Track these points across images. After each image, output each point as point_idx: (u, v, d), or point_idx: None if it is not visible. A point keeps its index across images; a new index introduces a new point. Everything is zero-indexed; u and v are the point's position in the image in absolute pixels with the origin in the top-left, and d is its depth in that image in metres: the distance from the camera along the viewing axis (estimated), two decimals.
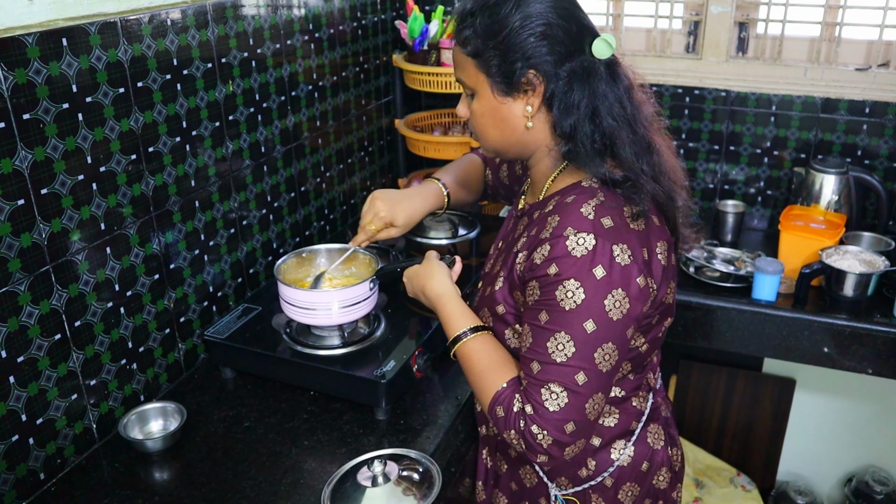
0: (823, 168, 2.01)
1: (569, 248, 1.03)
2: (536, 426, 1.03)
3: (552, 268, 1.04)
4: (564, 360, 1.03)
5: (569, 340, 1.03)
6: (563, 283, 1.03)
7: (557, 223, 1.07)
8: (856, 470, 2.46)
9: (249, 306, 1.64)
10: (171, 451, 1.34)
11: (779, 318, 1.82)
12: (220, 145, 1.59)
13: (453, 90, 2.13)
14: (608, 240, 1.03)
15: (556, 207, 1.11)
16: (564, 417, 1.03)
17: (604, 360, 1.04)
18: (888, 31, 2.02)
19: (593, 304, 1.02)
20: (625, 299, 1.04)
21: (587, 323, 1.02)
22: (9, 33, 1.11)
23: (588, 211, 1.06)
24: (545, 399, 1.03)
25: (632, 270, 1.05)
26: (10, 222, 1.15)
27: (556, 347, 1.03)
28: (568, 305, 1.03)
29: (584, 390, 1.03)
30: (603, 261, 1.03)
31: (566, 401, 1.03)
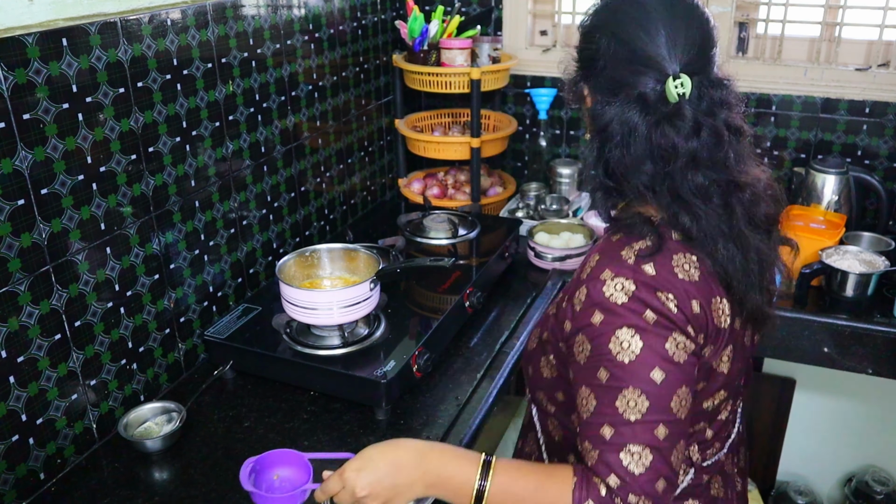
0: (823, 168, 2.01)
1: (606, 294, 0.94)
2: (632, 495, 0.89)
3: (596, 316, 0.95)
4: (639, 416, 0.91)
5: (640, 395, 0.91)
6: (616, 334, 0.93)
7: (596, 263, 0.98)
8: (856, 470, 2.46)
9: (249, 306, 1.64)
10: (171, 451, 1.34)
11: (779, 318, 1.81)
12: (220, 145, 1.59)
13: (453, 90, 2.13)
14: (650, 287, 0.94)
15: (602, 243, 1.02)
16: (654, 477, 0.90)
17: (681, 407, 0.93)
18: (888, 31, 2.02)
19: (655, 351, 0.92)
20: (686, 340, 0.94)
21: (654, 372, 0.91)
22: (9, 33, 1.11)
23: (629, 255, 0.96)
24: (627, 464, 0.90)
25: (678, 319, 0.94)
26: (10, 222, 1.15)
27: (628, 405, 0.91)
28: (627, 358, 0.92)
29: (666, 444, 0.91)
30: (650, 305, 0.93)
31: (650, 458, 0.90)
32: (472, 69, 2.06)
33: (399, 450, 1.02)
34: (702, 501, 1.14)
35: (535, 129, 2.41)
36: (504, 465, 0.98)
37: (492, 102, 2.40)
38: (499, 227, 2.04)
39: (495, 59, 2.20)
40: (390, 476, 1.00)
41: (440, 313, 1.60)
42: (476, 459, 0.98)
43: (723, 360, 1.02)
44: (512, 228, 2.01)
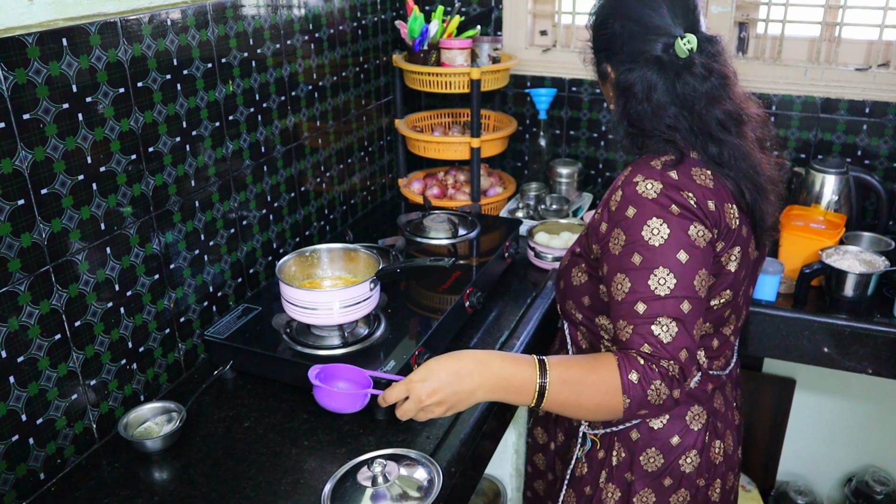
0: (823, 168, 2.01)
1: (639, 192, 1.12)
2: (663, 360, 1.05)
3: (630, 209, 1.12)
4: (668, 292, 1.07)
5: (668, 273, 1.08)
6: (647, 223, 1.10)
7: (629, 172, 1.16)
8: (856, 470, 2.46)
9: (249, 306, 1.64)
10: (171, 451, 1.34)
11: (779, 318, 1.82)
12: (220, 145, 1.59)
13: (453, 90, 2.13)
14: (675, 187, 1.11)
15: (632, 163, 1.19)
16: (679, 345, 1.06)
17: (701, 286, 1.10)
18: (888, 31, 2.02)
19: (680, 236, 1.09)
20: (705, 229, 1.11)
21: (680, 254, 1.08)
22: (9, 33, 1.11)
23: (657, 164, 1.14)
24: (658, 333, 1.06)
25: (698, 213, 1.11)
26: (10, 222, 1.15)
27: (658, 283, 1.08)
28: (657, 242, 1.09)
29: (689, 318, 1.08)
30: (675, 200, 1.10)
31: (676, 330, 1.06)
32: (472, 69, 2.06)
33: (460, 360, 1.13)
34: (706, 408, 1.30)
35: (535, 129, 2.41)
36: (556, 362, 1.12)
37: (492, 102, 2.40)
38: (499, 227, 2.04)
39: (495, 59, 2.20)
40: (453, 384, 1.11)
41: (440, 313, 1.60)
42: (531, 361, 1.11)
43: (731, 259, 1.19)
44: (512, 228, 2.01)
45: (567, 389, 1.09)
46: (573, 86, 2.34)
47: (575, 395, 1.09)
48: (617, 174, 1.31)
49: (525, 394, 1.10)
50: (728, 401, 1.36)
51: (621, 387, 1.05)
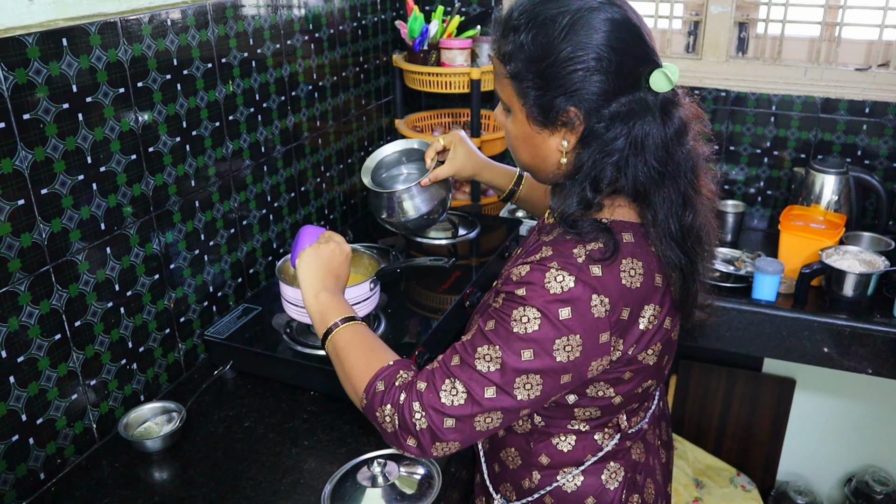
0: (823, 168, 2.01)
1: (545, 280, 0.97)
2: (419, 404, 0.99)
3: (521, 290, 0.98)
4: (484, 370, 0.98)
5: (498, 357, 0.97)
6: (525, 308, 0.97)
7: (548, 255, 0.99)
8: (856, 470, 2.47)
9: (249, 306, 1.64)
10: (171, 451, 1.34)
11: (779, 318, 1.82)
12: (220, 145, 1.59)
13: (453, 90, 2.13)
14: (589, 288, 0.96)
15: (554, 240, 1.02)
16: (451, 414, 0.98)
17: (522, 388, 0.98)
18: (888, 31, 2.02)
19: (542, 340, 0.96)
20: (577, 347, 0.97)
21: (526, 352, 0.96)
22: (9, 33, 1.11)
23: (580, 254, 0.98)
24: (444, 389, 0.99)
25: (599, 324, 0.97)
26: (10, 222, 1.15)
27: (484, 357, 0.98)
28: (517, 328, 0.97)
29: (484, 404, 0.98)
30: (576, 305, 0.96)
31: (461, 402, 0.98)
32: (472, 69, 2.06)
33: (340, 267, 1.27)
34: (623, 464, 1.18)
35: None
36: (357, 327, 1.14)
37: (492, 102, 2.40)
38: (499, 227, 2.04)
39: None
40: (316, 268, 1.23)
41: (440, 313, 1.60)
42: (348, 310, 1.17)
43: (648, 354, 1.07)
44: (512, 228, 2.01)
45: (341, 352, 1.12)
46: None
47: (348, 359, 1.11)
48: None
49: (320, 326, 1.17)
50: (651, 446, 1.25)
51: (367, 385, 1.06)
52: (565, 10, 0.95)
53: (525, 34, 0.97)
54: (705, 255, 1.08)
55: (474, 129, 2.11)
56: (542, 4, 0.98)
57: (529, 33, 0.97)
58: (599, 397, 1.09)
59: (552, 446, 1.16)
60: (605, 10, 0.95)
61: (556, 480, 1.17)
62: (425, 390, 1.00)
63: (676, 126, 0.99)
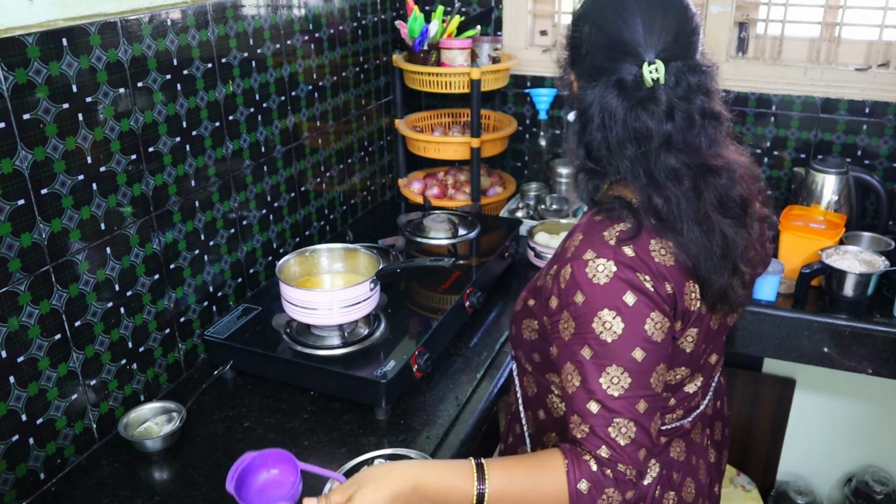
0: (823, 168, 2.01)
1: (590, 276, 0.98)
2: (620, 464, 0.96)
3: (579, 296, 0.99)
4: (622, 392, 0.96)
5: (623, 373, 0.97)
6: (598, 315, 0.97)
7: (580, 242, 1.02)
8: (856, 470, 2.46)
9: (249, 306, 1.64)
10: (171, 451, 1.34)
11: (779, 318, 1.81)
12: (220, 145, 1.59)
13: (453, 90, 2.13)
14: (630, 268, 0.98)
15: (585, 223, 1.05)
16: (637, 447, 0.97)
17: (658, 382, 0.99)
18: (888, 31, 2.02)
19: (636, 331, 0.97)
20: (663, 319, 0.99)
21: (636, 352, 0.97)
22: (9, 33, 1.11)
23: (611, 236, 1.00)
24: (616, 436, 0.96)
25: (654, 299, 0.98)
26: (10, 222, 1.15)
27: (612, 382, 0.97)
28: (610, 338, 0.97)
29: (646, 417, 0.98)
30: (631, 285, 0.97)
31: (634, 430, 0.97)
32: (472, 69, 2.06)
33: (393, 481, 0.98)
34: (659, 461, 1.19)
35: (535, 129, 2.41)
36: (497, 465, 0.99)
37: (492, 102, 2.40)
38: (499, 227, 2.04)
39: (495, 59, 2.20)
40: None
41: (440, 313, 1.60)
42: (468, 466, 0.98)
43: (686, 340, 1.07)
44: (512, 228, 2.01)
45: (509, 499, 0.98)
46: None
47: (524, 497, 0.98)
48: None
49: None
50: (693, 445, 1.24)
51: (569, 498, 0.95)
52: None
53: None
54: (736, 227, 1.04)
55: (474, 129, 2.11)
56: None
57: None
58: None
59: None
60: None
61: None
62: (610, 452, 0.96)
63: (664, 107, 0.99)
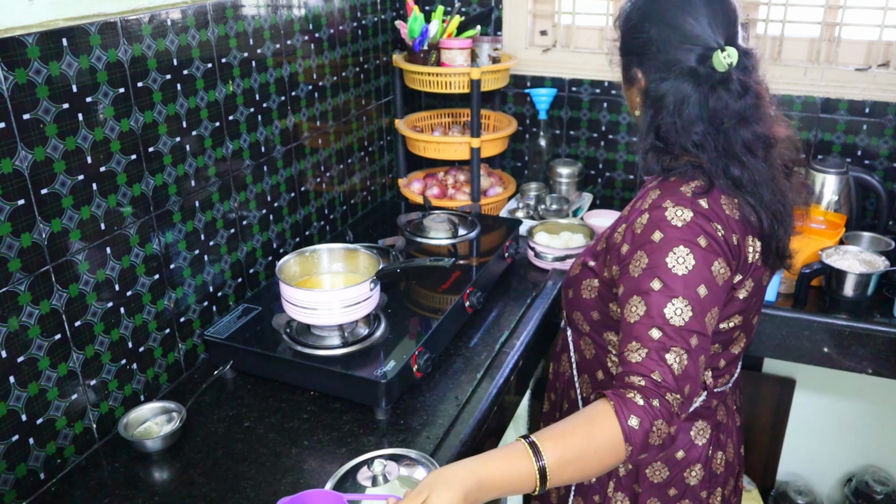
0: (823, 168, 2.01)
1: (668, 218, 1.09)
2: (669, 393, 1.00)
3: (656, 234, 1.09)
4: (683, 323, 1.04)
5: (686, 305, 1.04)
6: (673, 250, 1.07)
7: (658, 196, 1.13)
8: (856, 470, 2.46)
9: (249, 306, 1.64)
10: (171, 451, 1.34)
11: (779, 318, 1.82)
12: (220, 145, 1.59)
13: (453, 90, 2.13)
14: (705, 216, 1.09)
15: (659, 184, 1.16)
16: (686, 379, 1.02)
17: (711, 324, 1.08)
18: (888, 31, 2.02)
19: (704, 270, 1.06)
20: (726, 268, 1.09)
21: (700, 288, 1.05)
22: (9, 33, 1.11)
23: (687, 190, 1.12)
24: (671, 362, 1.02)
25: (723, 247, 1.09)
26: (10, 222, 1.15)
27: (675, 312, 1.04)
28: (681, 271, 1.06)
29: (696, 353, 1.04)
30: (705, 230, 1.08)
31: (687, 362, 1.03)
32: (472, 69, 2.06)
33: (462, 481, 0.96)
34: (710, 423, 1.30)
35: (535, 129, 2.41)
36: (548, 435, 1.00)
37: (492, 102, 2.40)
38: (499, 227, 2.04)
39: (495, 59, 2.20)
40: None
41: (440, 313, 1.60)
42: (521, 447, 0.98)
43: (743, 289, 1.17)
44: (512, 228, 2.01)
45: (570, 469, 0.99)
46: (573, 86, 2.34)
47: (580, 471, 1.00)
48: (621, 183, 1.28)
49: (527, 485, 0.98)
50: (730, 410, 1.36)
51: (622, 436, 0.97)
52: None
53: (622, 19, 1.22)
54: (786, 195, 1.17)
55: (474, 129, 2.11)
56: None
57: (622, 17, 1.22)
58: None
59: None
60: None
61: None
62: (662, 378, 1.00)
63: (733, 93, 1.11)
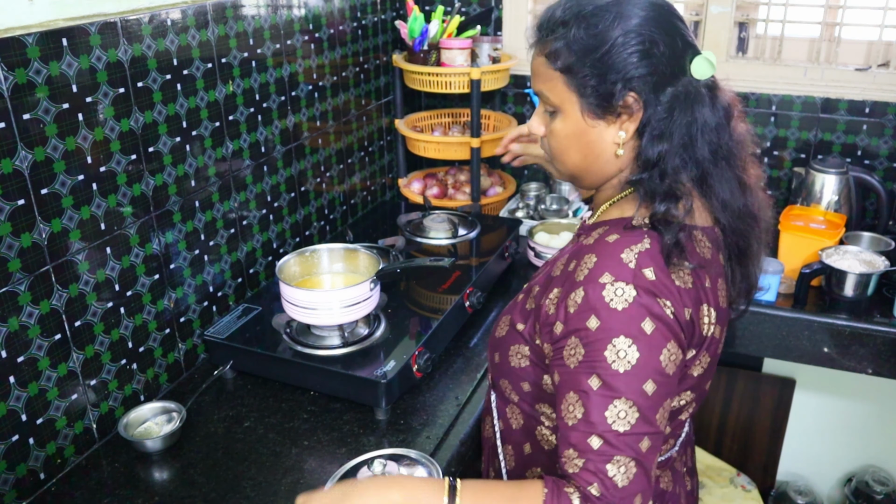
0: (823, 168, 2.01)
1: (606, 299, 0.92)
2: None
3: (592, 321, 0.92)
4: (628, 428, 0.90)
5: (631, 407, 0.90)
6: (613, 342, 0.91)
7: (594, 265, 0.96)
8: (856, 470, 2.46)
9: (249, 306, 1.64)
10: (171, 451, 1.34)
11: (779, 318, 1.82)
12: (220, 145, 1.59)
13: (453, 90, 2.13)
14: (651, 293, 0.92)
15: (596, 244, 0.99)
16: (635, 490, 0.90)
17: (663, 419, 0.94)
18: (888, 31, 2.02)
19: (651, 362, 0.91)
20: (677, 351, 0.94)
21: (647, 384, 0.91)
22: (9, 33, 1.11)
23: (629, 258, 0.94)
24: (613, 474, 0.89)
25: (674, 328, 0.94)
26: (10, 222, 1.15)
27: (618, 416, 0.90)
28: (623, 367, 0.90)
29: (648, 457, 0.91)
30: (650, 312, 0.92)
31: (634, 471, 0.90)
32: (472, 69, 2.06)
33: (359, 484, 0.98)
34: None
35: None
36: (471, 486, 0.95)
37: (492, 102, 2.40)
38: (499, 227, 2.04)
39: (495, 59, 2.20)
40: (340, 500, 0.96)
41: (440, 313, 1.60)
42: (441, 484, 0.95)
43: (697, 365, 1.03)
44: (512, 228, 2.01)
45: None
46: None
47: None
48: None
49: None
50: (678, 474, 1.21)
51: None
52: None
53: (576, 27, 0.97)
54: (761, 232, 1.07)
55: (474, 130, 2.11)
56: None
57: (580, 25, 0.97)
58: None
59: None
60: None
61: None
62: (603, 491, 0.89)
63: (724, 109, 1.00)
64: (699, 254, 1.00)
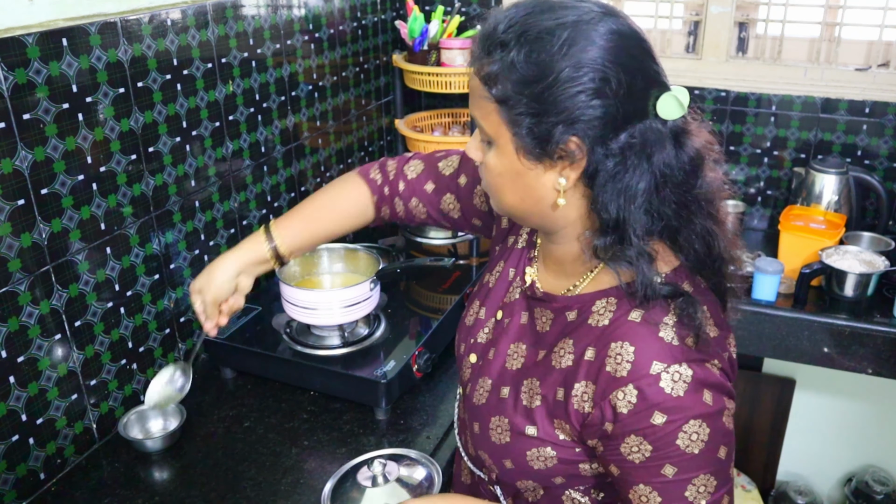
0: (823, 168, 2.01)
1: (668, 390, 0.82)
2: None
3: (657, 417, 0.82)
4: (709, 498, 0.85)
5: (709, 478, 0.84)
6: (683, 429, 0.82)
7: (634, 356, 0.83)
8: (856, 470, 2.46)
9: (249, 306, 1.64)
10: (171, 451, 1.34)
11: (779, 318, 1.82)
12: (220, 145, 1.59)
13: (453, 90, 2.13)
14: (699, 363, 0.84)
15: (616, 327, 0.86)
16: None
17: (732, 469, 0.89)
18: (888, 31, 2.02)
19: (720, 430, 0.84)
20: (733, 403, 0.88)
21: (721, 450, 0.85)
22: (9, 33, 1.11)
23: (669, 336, 0.83)
24: None
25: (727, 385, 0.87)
26: (10, 222, 1.15)
27: (698, 491, 0.84)
28: (697, 448, 0.83)
29: None
30: (707, 383, 0.83)
31: None
32: None
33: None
34: None
35: None
36: None
37: None
38: None
39: None
40: None
41: (440, 313, 1.60)
42: None
43: None
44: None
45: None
46: None
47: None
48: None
49: None
50: None
51: None
52: (563, 21, 0.80)
53: (516, 51, 0.80)
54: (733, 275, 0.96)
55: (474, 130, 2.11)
56: (535, 16, 0.81)
57: (521, 50, 0.80)
58: None
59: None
60: (608, 21, 0.80)
61: None
62: None
63: (692, 157, 0.85)
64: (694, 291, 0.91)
